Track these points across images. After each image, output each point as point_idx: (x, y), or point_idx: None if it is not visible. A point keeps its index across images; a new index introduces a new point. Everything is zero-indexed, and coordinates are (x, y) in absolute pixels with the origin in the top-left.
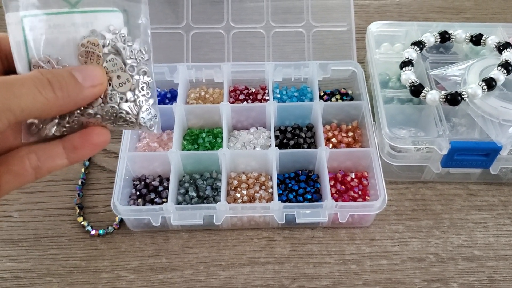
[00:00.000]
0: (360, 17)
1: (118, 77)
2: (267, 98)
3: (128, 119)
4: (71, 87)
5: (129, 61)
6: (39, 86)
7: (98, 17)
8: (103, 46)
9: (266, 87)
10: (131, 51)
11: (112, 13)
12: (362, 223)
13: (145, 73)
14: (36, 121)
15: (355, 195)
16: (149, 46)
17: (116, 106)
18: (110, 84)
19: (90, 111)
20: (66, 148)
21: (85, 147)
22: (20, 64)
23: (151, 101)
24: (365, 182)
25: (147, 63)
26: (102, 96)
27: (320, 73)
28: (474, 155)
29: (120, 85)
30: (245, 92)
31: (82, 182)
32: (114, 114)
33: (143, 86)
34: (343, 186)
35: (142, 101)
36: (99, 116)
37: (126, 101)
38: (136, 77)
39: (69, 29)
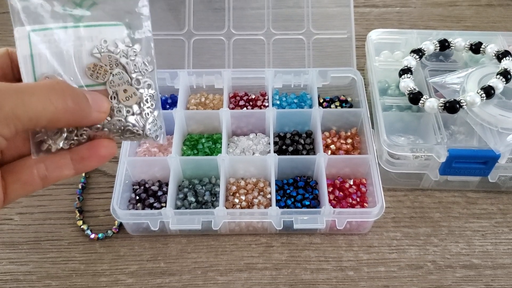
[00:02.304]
0: (360, 25)
1: (125, 91)
2: (266, 104)
3: (135, 131)
4: (83, 104)
5: (134, 75)
6: (50, 95)
7: (102, 31)
8: (115, 55)
9: (266, 93)
10: (135, 64)
11: (116, 27)
12: (360, 230)
13: (149, 86)
14: (45, 137)
15: (353, 201)
16: (152, 58)
17: (123, 120)
18: (116, 97)
19: (98, 125)
20: (73, 159)
21: (92, 158)
22: (27, 79)
23: (156, 113)
24: (363, 189)
25: (151, 75)
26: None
27: (320, 80)
28: (472, 163)
29: (127, 98)
30: (245, 98)
31: (82, 186)
32: (122, 127)
33: (148, 99)
34: (341, 193)
35: (147, 113)
36: (106, 129)
37: (133, 114)
38: (141, 90)
39: (75, 43)
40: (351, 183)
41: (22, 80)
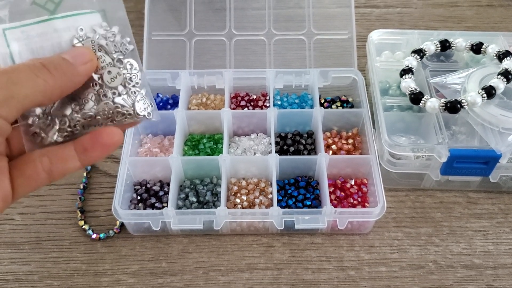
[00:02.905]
0: (361, 25)
1: (109, 72)
2: (268, 104)
3: (126, 112)
4: (64, 66)
5: (115, 55)
6: (35, 71)
7: (78, 20)
8: (94, 42)
9: (267, 93)
10: (115, 45)
11: (91, 14)
12: (361, 230)
13: (131, 66)
14: (37, 130)
15: (355, 201)
16: (131, 37)
17: (111, 102)
18: (101, 80)
19: (90, 113)
20: (77, 151)
21: (95, 148)
22: None
23: (143, 91)
24: (364, 189)
25: (132, 54)
26: (95, 93)
27: (321, 81)
28: (473, 163)
29: (112, 79)
30: (246, 98)
31: (83, 186)
32: (111, 111)
33: (132, 77)
34: (342, 193)
35: (134, 92)
36: (99, 117)
37: (119, 95)
38: (124, 70)
39: (52, 35)
40: (352, 183)
41: None
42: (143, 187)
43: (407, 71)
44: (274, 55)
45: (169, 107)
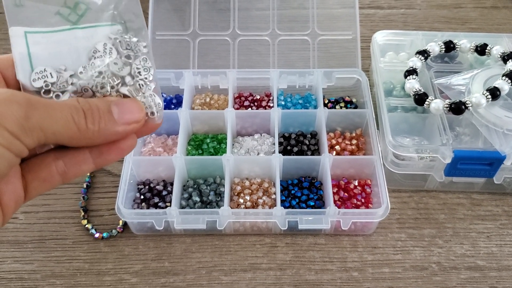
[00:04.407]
0: (366, 26)
1: (115, 63)
2: (271, 105)
3: None
4: (103, 122)
5: (125, 51)
6: (74, 114)
7: (98, 30)
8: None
9: (270, 94)
10: (128, 43)
11: (112, 26)
12: (365, 230)
13: (143, 61)
14: None
15: (358, 202)
16: (149, 44)
17: (114, 93)
18: (108, 71)
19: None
20: (92, 153)
21: (111, 152)
22: (22, 74)
23: (152, 85)
24: (368, 190)
25: (147, 55)
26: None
27: (325, 81)
28: (477, 164)
29: (119, 69)
30: (250, 98)
31: (87, 185)
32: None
33: (141, 71)
34: (346, 194)
35: (141, 84)
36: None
37: (126, 85)
38: (134, 65)
39: (71, 42)
40: (356, 184)
41: (9, 85)
42: (147, 187)
43: (411, 72)
44: (278, 55)
45: (172, 106)
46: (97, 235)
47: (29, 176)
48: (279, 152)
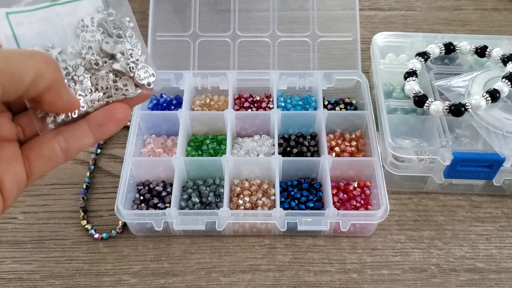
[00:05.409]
0: (366, 28)
1: (107, 43)
2: (271, 106)
3: (125, 79)
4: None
5: (114, 31)
6: (34, 55)
7: (79, 5)
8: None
9: (270, 95)
10: (114, 23)
11: (92, 0)
12: (364, 232)
13: (131, 36)
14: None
15: (357, 204)
16: (132, 17)
17: (111, 74)
18: (101, 51)
19: (90, 87)
20: (91, 127)
21: (109, 123)
22: None
23: (143, 58)
24: (367, 192)
25: (133, 29)
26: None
27: (325, 83)
28: (477, 166)
29: (112, 48)
30: (249, 100)
31: (86, 186)
32: (110, 80)
33: (132, 47)
34: (345, 195)
35: (134, 61)
36: (102, 92)
37: (118, 61)
38: (125, 43)
39: (55, 20)
40: (355, 185)
41: None
42: (146, 187)
43: (411, 73)
44: (278, 56)
45: (172, 107)
46: (96, 235)
47: (31, 155)
48: (279, 153)
